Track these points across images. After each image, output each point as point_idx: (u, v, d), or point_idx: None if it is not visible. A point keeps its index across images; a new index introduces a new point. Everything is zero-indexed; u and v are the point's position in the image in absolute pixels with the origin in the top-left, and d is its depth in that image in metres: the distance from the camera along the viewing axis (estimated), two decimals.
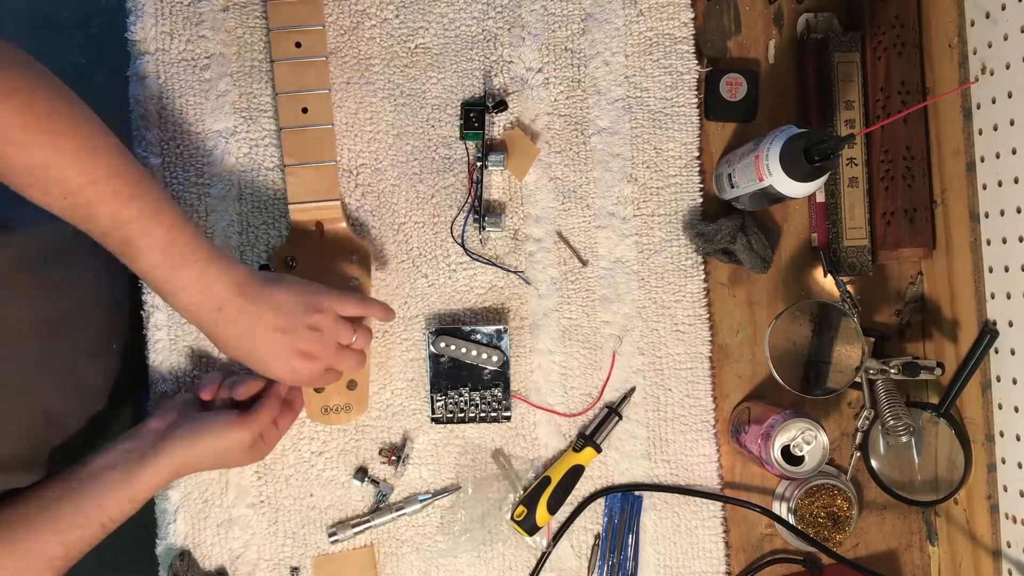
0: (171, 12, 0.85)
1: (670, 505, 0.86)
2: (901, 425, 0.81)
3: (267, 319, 0.71)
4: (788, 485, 0.86)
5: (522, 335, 0.87)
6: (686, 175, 0.88)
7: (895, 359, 0.84)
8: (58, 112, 0.63)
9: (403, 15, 0.87)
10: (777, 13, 0.90)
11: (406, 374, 0.86)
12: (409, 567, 0.85)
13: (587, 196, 0.87)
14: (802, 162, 0.72)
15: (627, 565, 0.86)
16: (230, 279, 0.70)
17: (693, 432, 0.87)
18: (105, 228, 0.65)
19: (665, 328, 0.87)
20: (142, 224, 0.66)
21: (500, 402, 0.85)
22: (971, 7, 0.82)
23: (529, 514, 0.83)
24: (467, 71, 0.87)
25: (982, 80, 0.80)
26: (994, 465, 0.82)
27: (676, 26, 0.88)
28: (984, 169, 0.81)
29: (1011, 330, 0.79)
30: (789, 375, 0.81)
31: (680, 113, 0.88)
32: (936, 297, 0.88)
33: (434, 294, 0.87)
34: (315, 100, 0.82)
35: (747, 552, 0.87)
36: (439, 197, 0.87)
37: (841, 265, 0.86)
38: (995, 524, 0.81)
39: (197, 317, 0.70)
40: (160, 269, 0.67)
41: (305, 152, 0.81)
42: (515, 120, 0.87)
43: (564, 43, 0.88)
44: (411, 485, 0.86)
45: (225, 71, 0.86)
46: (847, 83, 0.86)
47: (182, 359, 0.85)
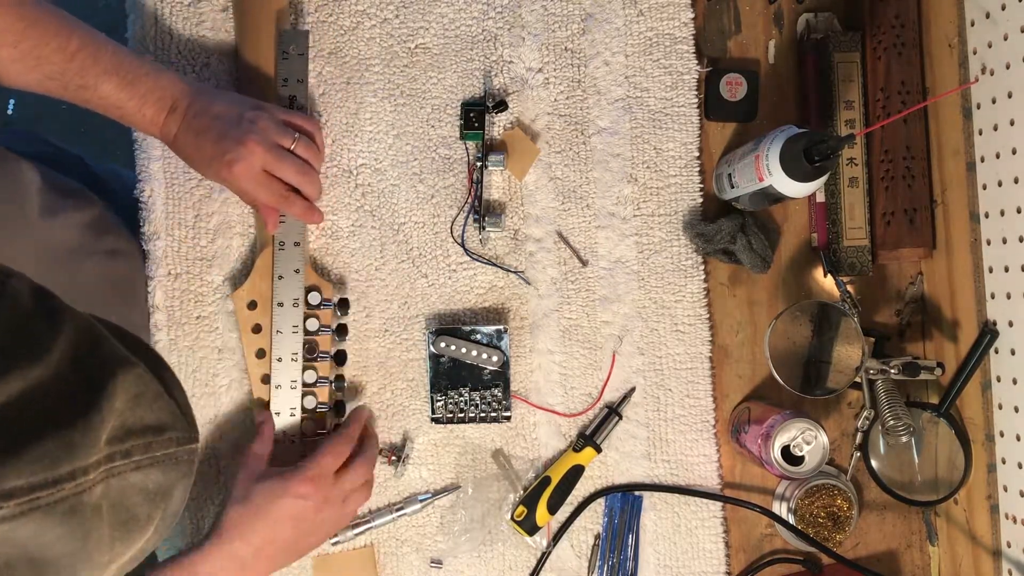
0: (171, 12, 0.85)
1: (670, 505, 0.86)
2: (901, 425, 0.81)
3: (216, 110, 0.75)
4: (788, 485, 0.86)
5: (522, 335, 0.87)
6: (686, 175, 0.88)
7: (895, 359, 0.84)
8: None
9: (403, 15, 0.87)
10: (777, 13, 0.89)
11: (406, 374, 0.86)
12: (409, 567, 0.85)
13: (587, 196, 0.87)
14: (802, 162, 0.72)
15: (627, 565, 0.86)
16: (182, 82, 0.76)
17: (693, 432, 0.87)
18: (58, 65, 0.70)
19: (665, 328, 0.87)
20: (89, 52, 0.71)
21: (500, 402, 0.85)
22: (971, 7, 0.82)
23: (529, 514, 0.83)
24: (467, 71, 0.87)
25: (982, 80, 0.80)
26: (994, 465, 0.82)
27: (676, 26, 0.88)
28: (984, 169, 0.81)
29: (1011, 330, 0.79)
30: (789, 375, 0.81)
31: (680, 113, 0.88)
32: (936, 297, 0.88)
33: (434, 294, 0.87)
34: None
35: (747, 552, 0.87)
36: (439, 197, 0.87)
37: (841, 265, 0.86)
38: (995, 524, 0.81)
39: (159, 125, 0.75)
40: (120, 89, 0.73)
41: None
42: (515, 120, 0.87)
43: (564, 43, 0.88)
44: (411, 485, 0.86)
45: (225, 70, 0.86)
46: (847, 83, 0.86)
47: (182, 359, 0.84)
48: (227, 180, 0.77)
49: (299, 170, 0.78)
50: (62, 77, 0.71)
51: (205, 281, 0.85)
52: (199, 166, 0.78)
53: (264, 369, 0.83)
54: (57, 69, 0.71)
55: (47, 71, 0.71)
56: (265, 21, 0.84)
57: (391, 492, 0.86)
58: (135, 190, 0.85)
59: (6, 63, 0.70)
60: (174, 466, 0.53)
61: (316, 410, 0.83)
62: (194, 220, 0.85)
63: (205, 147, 0.75)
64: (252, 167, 0.75)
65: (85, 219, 0.81)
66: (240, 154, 0.74)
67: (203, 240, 0.85)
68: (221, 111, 0.76)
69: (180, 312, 0.85)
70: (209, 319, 0.85)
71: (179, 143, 0.77)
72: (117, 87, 0.73)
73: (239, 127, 0.75)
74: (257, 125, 0.75)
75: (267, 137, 0.75)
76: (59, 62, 0.71)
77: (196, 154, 0.77)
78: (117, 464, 0.48)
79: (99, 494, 0.47)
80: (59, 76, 0.71)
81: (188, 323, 0.85)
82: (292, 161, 0.77)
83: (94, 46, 0.72)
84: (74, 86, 0.72)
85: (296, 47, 0.84)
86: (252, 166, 0.75)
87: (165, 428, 0.52)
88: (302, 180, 0.78)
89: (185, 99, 0.76)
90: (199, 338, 0.85)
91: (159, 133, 0.77)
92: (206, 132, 0.75)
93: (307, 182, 0.78)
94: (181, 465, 0.53)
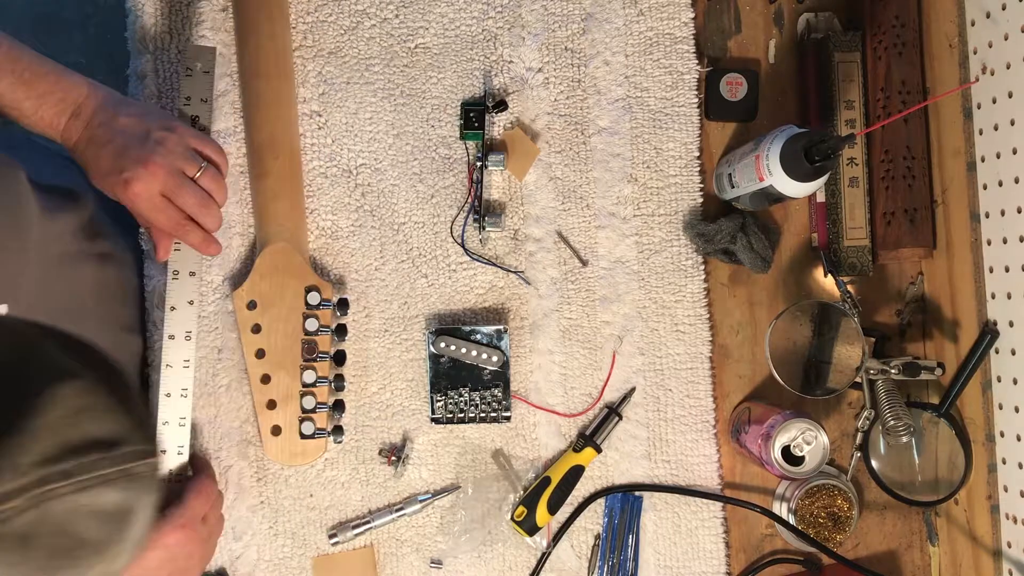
0: (171, 12, 0.85)
1: (670, 505, 0.86)
2: (901, 425, 0.81)
3: (122, 122, 0.72)
4: (788, 485, 0.86)
5: (522, 335, 0.87)
6: (686, 175, 0.88)
7: (895, 359, 0.84)
8: None
9: (403, 15, 0.87)
10: (777, 13, 0.89)
11: (406, 374, 0.86)
12: (409, 567, 0.85)
13: (587, 196, 0.87)
14: (802, 162, 0.72)
15: (627, 565, 0.86)
16: (90, 87, 0.72)
17: (693, 432, 0.87)
18: None
19: (665, 328, 0.87)
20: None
21: (500, 402, 0.85)
22: (971, 7, 0.82)
23: (529, 514, 0.83)
24: (467, 71, 0.87)
25: (982, 80, 0.80)
26: (994, 465, 0.82)
27: (676, 26, 0.88)
28: (984, 169, 0.81)
29: (1011, 330, 0.79)
30: (789, 375, 0.81)
31: (680, 113, 0.88)
32: (936, 297, 0.88)
33: (434, 294, 0.87)
34: None
35: (747, 552, 0.87)
36: (439, 197, 0.87)
37: (841, 265, 0.86)
38: (995, 524, 0.81)
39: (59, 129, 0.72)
40: (14, 87, 0.69)
41: None
42: (515, 120, 0.87)
43: (564, 43, 0.88)
44: (411, 485, 0.86)
45: (225, 71, 0.86)
46: (847, 83, 0.86)
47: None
48: (122, 198, 0.73)
49: (199, 201, 0.74)
50: None
51: (205, 281, 0.85)
52: (95, 178, 0.74)
53: (264, 369, 0.83)
54: None
55: None
56: (265, 21, 0.84)
57: (391, 492, 0.86)
58: None
59: None
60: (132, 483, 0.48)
61: (316, 410, 0.83)
62: None
63: (103, 160, 0.72)
64: (150, 189, 0.72)
65: (77, 223, 0.79)
66: (138, 174, 0.71)
67: None
68: (128, 125, 0.72)
69: None
70: (209, 319, 0.85)
71: (79, 152, 0.73)
72: (11, 85, 0.69)
73: (143, 146, 0.71)
74: (163, 147, 0.72)
75: (171, 161, 0.72)
76: None
77: (93, 165, 0.73)
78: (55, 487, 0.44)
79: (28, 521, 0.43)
80: None
81: None
82: (193, 191, 0.74)
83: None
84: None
85: (202, 64, 0.81)
86: (150, 188, 0.71)
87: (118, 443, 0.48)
88: (201, 212, 0.75)
89: (91, 105, 0.72)
90: (199, 338, 0.85)
91: (59, 138, 0.73)
92: (107, 144, 0.71)
93: (206, 214, 0.75)
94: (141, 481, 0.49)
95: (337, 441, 0.85)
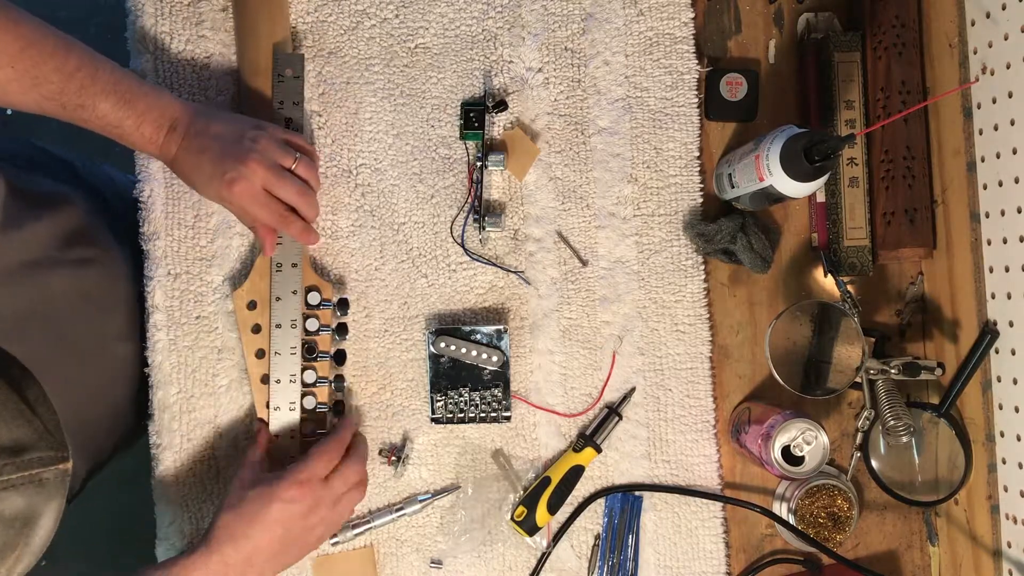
0: (171, 12, 0.85)
1: (670, 505, 0.86)
2: (901, 425, 0.81)
3: (216, 129, 0.75)
4: (788, 485, 0.86)
5: (522, 335, 0.87)
6: (686, 175, 0.88)
7: (895, 359, 0.84)
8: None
9: (403, 15, 0.87)
10: (777, 13, 0.89)
11: (406, 374, 0.86)
12: (409, 567, 0.85)
13: (587, 196, 0.87)
14: (802, 162, 0.72)
15: (627, 565, 0.86)
16: (181, 102, 0.76)
17: (693, 432, 0.87)
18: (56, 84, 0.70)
19: (665, 328, 0.87)
20: (87, 71, 0.71)
21: (500, 402, 0.85)
22: (971, 7, 0.82)
23: (529, 514, 0.83)
24: (467, 71, 0.87)
25: (982, 80, 0.80)
26: (995, 465, 0.82)
27: (676, 26, 0.88)
28: (984, 169, 0.81)
29: (1011, 330, 0.79)
30: (789, 375, 0.81)
31: (680, 113, 0.88)
32: (936, 297, 0.88)
33: (434, 294, 0.87)
34: None
35: (747, 552, 0.87)
36: (439, 197, 0.87)
37: (841, 265, 0.86)
38: (995, 524, 0.81)
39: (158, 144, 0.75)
40: (119, 108, 0.73)
41: None
42: (515, 120, 0.87)
43: (564, 43, 0.88)
44: (411, 485, 0.86)
45: (225, 71, 0.86)
46: (847, 83, 0.86)
47: (182, 358, 0.84)
48: (226, 199, 0.76)
49: (299, 190, 0.77)
50: (60, 97, 0.71)
51: (205, 281, 0.85)
52: (198, 186, 0.77)
53: (264, 369, 0.83)
54: (55, 89, 0.71)
55: (45, 91, 0.71)
56: (265, 21, 0.84)
57: (391, 492, 0.86)
58: (130, 192, 0.85)
59: (3, 83, 0.69)
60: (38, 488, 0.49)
61: (316, 410, 0.83)
62: (194, 220, 0.85)
63: (204, 166, 0.75)
64: (252, 186, 0.74)
65: (56, 229, 0.79)
66: (241, 173, 0.74)
67: (203, 240, 0.85)
68: (221, 130, 0.75)
69: (180, 312, 0.85)
70: (209, 319, 0.85)
71: (178, 162, 0.76)
72: (115, 106, 0.73)
73: (240, 146, 0.74)
74: (258, 144, 0.75)
75: (268, 156, 0.75)
76: (57, 81, 0.70)
77: (195, 173, 0.76)
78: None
79: None
80: (57, 96, 0.71)
81: (188, 323, 0.85)
82: (292, 181, 0.76)
83: (92, 65, 0.72)
84: (72, 105, 0.72)
85: (292, 70, 0.83)
86: (252, 185, 0.74)
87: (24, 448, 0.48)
88: (301, 201, 0.77)
89: (185, 118, 0.75)
90: (199, 338, 0.85)
91: (158, 152, 0.76)
92: (206, 151, 0.75)
93: (306, 203, 0.78)
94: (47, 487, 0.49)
95: None
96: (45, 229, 0.78)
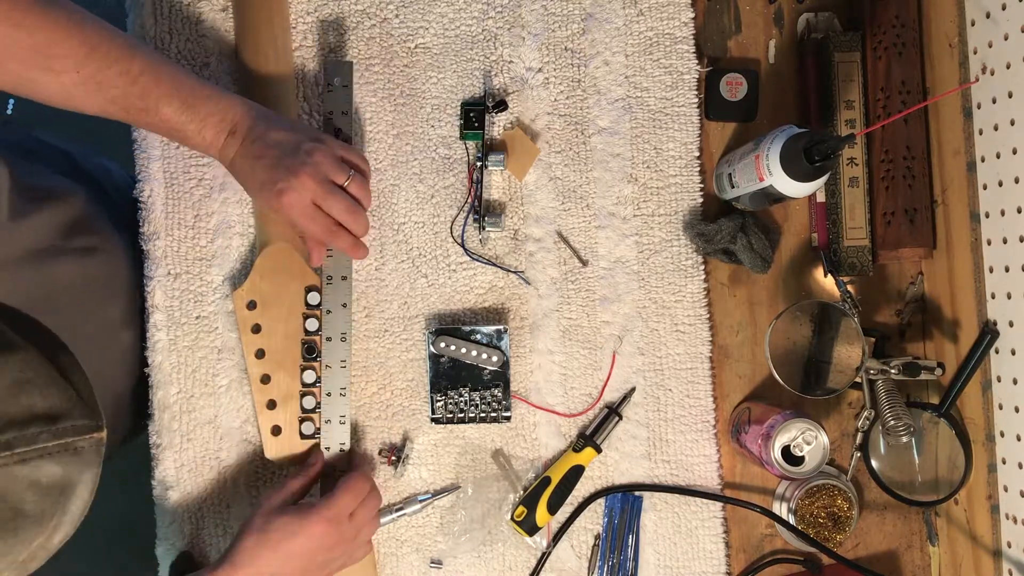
0: (171, 12, 0.85)
1: (670, 505, 0.86)
2: (901, 425, 0.81)
3: (274, 137, 0.75)
4: (788, 485, 0.86)
5: (522, 335, 0.87)
6: (686, 175, 0.88)
7: (895, 359, 0.84)
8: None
9: (403, 15, 0.87)
10: (777, 13, 0.89)
11: (406, 374, 0.86)
12: (409, 567, 0.85)
13: (587, 196, 0.87)
14: (802, 162, 0.72)
15: (627, 565, 0.86)
16: (243, 106, 0.75)
17: (693, 432, 0.87)
18: (120, 88, 0.70)
19: (665, 328, 0.87)
20: (150, 75, 0.71)
21: (500, 402, 0.85)
22: (971, 7, 0.82)
23: (529, 514, 0.83)
24: (467, 71, 0.87)
25: (982, 80, 0.80)
26: (994, 465, 0.82)
27: (676, 26, 0.88)
28: (984, 169, 0.81)
29: (1011, 330, 0.78)
30: (789, 375, 0.81)
31: (680, 113, 0.88)
32: (936, 297, 0.88)
33: (434, 294, 0.87)
34: None
35: (747, 552, 0.87)
36: (439, 197, 0.87)
37: (841, 265, 0.86)
38: (995, 524, 0.81)
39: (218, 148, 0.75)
40: (181, 111, 0.73)
41: None
42: (515, 120, 0.87)
43: (564, 43, 0.88)
44: (411, 485, 0.86)
45: (225, 71, 0.86)
46: (847, 83, 0.86)
47: (181, 358, 0.84)
48: (276, 208, 0.75)
49: (348, 208, 0.76)
50: (124, 100, 0.71)
51: (205, 281, 0.85)
52: (251, 191, 0.77)
53: (264, 369, 0.83)
54: (119, 93, 0.71)
55: (109, 95, 0.71)
56: (265, 21, 0.84)
57: (391, 492, 0.86)
58: (128, 186, 0.85)
59: (69, 88, 0.69)
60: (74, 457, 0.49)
61: (316, 410, 0.83)
62: (194, 220, 0.85)
63: (259, 173, 0.74)
64: (302, 199, 0.74)
65: (60, 218, 0.80)
66: (291, 184, 0.73)
67: (203, 240, 0.85)
68: (280, 139, 0.75)
69: (180, 312, 0.85)
70: (209, 319, 0.85)
71: (236, 167, 0.76)
72: (178, 110, 0.73)
73: (295, 157, 0.74)
74: (313, 157, 0.74)
75: (321, 171, 0.74)
76: (122, 85, 0.70)
77: (250, 179, 0.76)
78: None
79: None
80: (121, 100, 0.71)
81: (188, 323, 0.85)
82: (343, 198, 0.75)
83: (155, 69, 0.72)
84: (135, 109, 0.72)
85: (340, 79, 0.83)
86: (302, 198, 0.74)
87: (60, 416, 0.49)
88: (350, 218, 0.76)
89: (246, 123, 0.75)
90: (199, 338, 0.85)
91: (218, 155, 0.76)
92: (261, 158, 0.74)
93: (354, 220, 0.77)
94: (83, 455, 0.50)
95: None
96: (49, 219, 0.78)
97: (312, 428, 0.83)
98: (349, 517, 0.76)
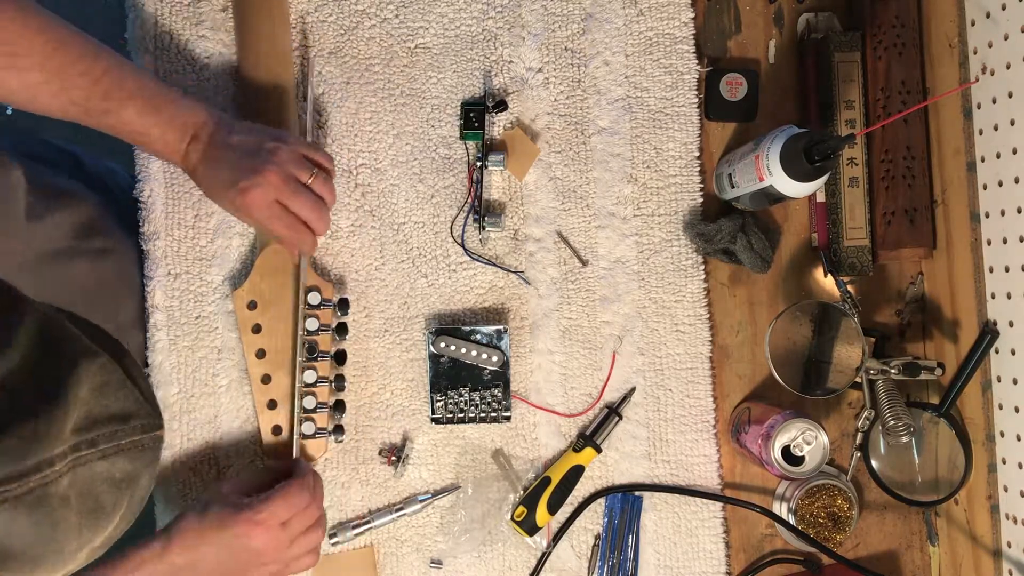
0: (171, 12, 0.85)
1: (670, 505, 0.86)
2: (901, 425, 0.81)
3: (235, 139, 0.75)
4: (788, 485, 0.86)
5: (522, 335, 0.87)
6: (686, 175, 0.88)
7: (895, 359, 0.84)
8: None
9: (403, 15, 0.87)
10: (777, 13, 0.89)
11: (406, 374, 0.86)
12: (409, 567, 0.85)
13: (587, 196, 0.87)
14: (802, 162, 0.72)
15: (627, 565, 0.86)
16: (205, 111, 0.75)
17: (693, 432, 0.87)
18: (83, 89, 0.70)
19: (665, 328, 0.87)
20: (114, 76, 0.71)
21: (500, 402, 0.85)
22: (971, 7, 0.82)
23: (529, 514, 0.83)
24: (467, 71, 0.87)
25: (982, 80, 0.80)
26: (994, 465, 0.82)
27: (676, 26, 0.88)
28: (984, 169, 0.81)
29: (1011, 330, 0.78)
30: (789, 375, 0.81)
31: (680, 113, 0.88)
32: (936, 297, 0.88)
33: (434, 294, 0.87)
34: None
35: (747, 552, 0.87)
36: (439, 197, 0.87)
37: (841, 265, 0.86)
38: (995, 524, 0.81)
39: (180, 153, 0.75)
40: (144, 114, 0.72)
41: None
42: (515, 120, 0.87)
43: (564, 43, 0.88)
44: (411, 485, 0.86)
45: (225, 71, 0.86)
46: (847, 83, 0.86)
47: (181, 358, 0.84)
48: (240, 208, 0.75)
49: (312, 205, 0.76)
50: (86, 102, 0.71)
51: (205, 281, 0.85)
52: (215, 195, 0.77)
53: (264, 369, 0.83)
54: (82, 94, 0.70)
55: (72, 96, 0.70)
56: (265, 21, 0.84)
57: (391, 492, 0.86)
58: (133, 188, 0.85)
59: (33, 86, 0.69)
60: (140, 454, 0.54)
61: (316, 410, 0.83)
62: (194, 220, 0.85)
63: (222, 174, 0.74)
64: (266, 196, 0.74)
65: (74, 220, 0.80)
66: (255, 182, 0.73)
67: (203, 240, 0.85)
68: (241, 141, 0.75)
69: (180, 312, 0.85)
70: (209, 319, 0.85)
71: (199, 172, 0.76)
72: (140, 112, 0.72)
73: (257, 156, 0.74)
74: (276, 156, 0.74)
75: (284, 169, 0.74)
76: (84, 86, 0.70)
77: (213, 181, 0.75)
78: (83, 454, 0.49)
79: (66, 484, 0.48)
80: (83, 101, 0.71)
81: (188, 323, 0.85)
82: (307, 196, 0.76)
83: (119, 70, 0.72)
84: (98, 111, 0.72)
85: None
86: (266, 195, 0.74)
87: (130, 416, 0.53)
88: (312, 216, 0.77)
89: (208, 128, 0.75)
90: (199, 338, 0.85)
91: (180, 161, 0.76)
92: (224, 160, 0.74)
93: (317, 219, 0.77)
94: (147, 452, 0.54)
95: (338, 440, 0.85)
96: (64, 220, 0.79)
97: (313, 428, 0.83)
98: (282, 525, 0.75)
